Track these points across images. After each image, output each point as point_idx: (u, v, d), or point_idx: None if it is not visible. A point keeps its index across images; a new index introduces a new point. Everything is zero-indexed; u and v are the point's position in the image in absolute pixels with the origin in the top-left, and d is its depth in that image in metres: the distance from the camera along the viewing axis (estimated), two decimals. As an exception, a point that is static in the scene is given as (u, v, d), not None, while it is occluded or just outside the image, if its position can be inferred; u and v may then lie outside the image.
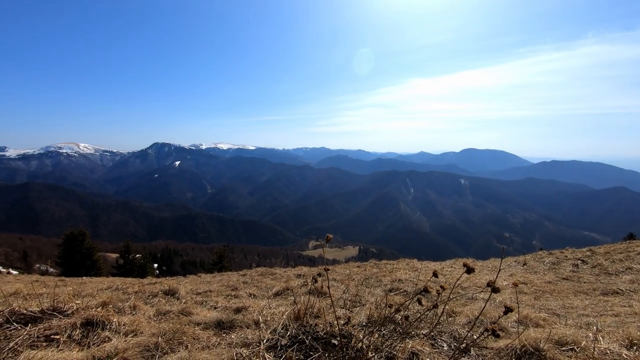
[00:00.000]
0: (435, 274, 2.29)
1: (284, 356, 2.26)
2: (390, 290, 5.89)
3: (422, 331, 2.90)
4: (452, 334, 2.93)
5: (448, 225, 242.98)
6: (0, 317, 2.62)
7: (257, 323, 3.05)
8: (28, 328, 2.52)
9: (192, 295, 5.05)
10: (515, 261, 10.42)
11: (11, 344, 2.28)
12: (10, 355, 2.17)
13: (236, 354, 2.33)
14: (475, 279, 7.09)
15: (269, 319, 3.17)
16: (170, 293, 4.81)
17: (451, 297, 5.04)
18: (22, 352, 2.16)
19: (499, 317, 3.45)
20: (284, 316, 2.87)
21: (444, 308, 2.63)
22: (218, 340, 2.67)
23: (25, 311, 2.73)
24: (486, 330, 1.98)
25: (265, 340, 2.47)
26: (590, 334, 2.73)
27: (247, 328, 2.97)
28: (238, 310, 3.59)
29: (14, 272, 49.57)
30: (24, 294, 4.86)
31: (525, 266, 9.51)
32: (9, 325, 2.55)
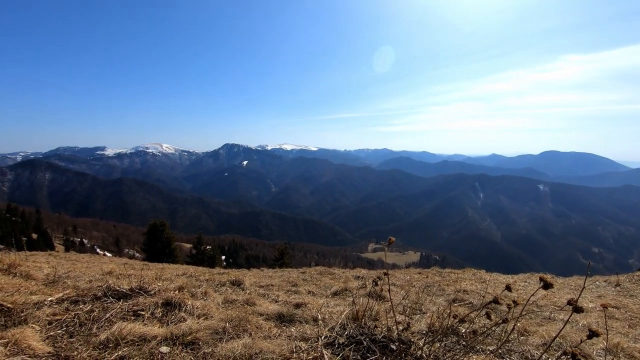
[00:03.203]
0: (507, 288, 2.11)
1: (341, 354, 2.28)
2: (453, 301, 5.57)
3: (488, 347, 2.71)
4: (523, 354, 2.68)
5: (523, 235, 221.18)
6: (99, 291, 3.08)
7: (315, 320, 3.12)
8: (120, 303, 2.93)
9: (256, 287, 5.33)
10: (606, 281, 9.09)
11: (107, 315, 2.67)
12: (106, 324, 2.55)
13: (295, 346, 2.42)
14: (554, 298, 6.35)
15: (327, 317, 3.22)
16: (236, 284, 5.14)
17: (524, 314, 4.59)
18: (115, 322, 2.53)
19: (581, 342, 3.06)
20: (343, 315, 2.90)
21: (515, 325, 2.41)
22: (278, 331, 2.80)
23: (118, 288, 3.16)
24: (565, 353, 1.76)
25: (323, 337, 2.52)
26: None
27: (306, 323, 3.05)
28: (297, 306, 3.70)
29: (108, 255, 57.26)
30: (117, 273, 5.62)
31: (618, 288, 8.26)
32: (106, 299, 2.98)
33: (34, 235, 66.23)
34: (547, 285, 1.74)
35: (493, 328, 2.90)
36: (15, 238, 59.63)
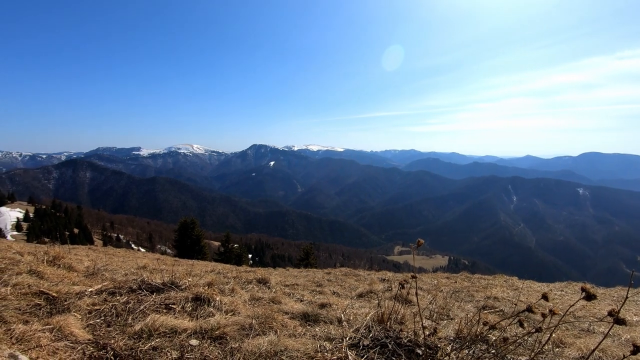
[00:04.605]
0: (544, 297, 2.01)
1: (365, 356, 2.27)
2: (483, 308, 5.37)
3: (520, 357, 2.59)
4: (559, 366, 2.54)
5: (560, 242, 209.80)
6: (134, 284, 3.24)
7: (340, 320, 3.11)
8: (153, 296, 3.07)
9: (281, 286, 5.40)
10: (653, 293, 8.45)
11: (141, 307, 2.81)
12: (140, 315, 2.69)
13: (320, 346, 2.42)
14: (594, 309, 5.97)
15: (351, 318, 3.20)
16: (262, 282, 5.23)
17: (560, 324, 4.35)
18: (149, 314, 2.65)
19: (624, 357, 2.86)
20: (368, 317, 2.87)
21: (550, 335, 2.30)
22: (303, 330, 2.82)
23: (151, 282, 3.32)
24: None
25: (347, 338, 2.51)
26: None
27: (331, 324, 3.05)
28: (322, 306, 3.71)
29: (142, 250, 59.91)
30: (150, 268, 5.88)
31: (667, 300, 7.64)
32: (140, 292, 3.13)
33: (76, 230, 70.59)
34: (590, 297, 1.62)
35: (526, 337, 2.77)
36: (59, 232, 63.77)
